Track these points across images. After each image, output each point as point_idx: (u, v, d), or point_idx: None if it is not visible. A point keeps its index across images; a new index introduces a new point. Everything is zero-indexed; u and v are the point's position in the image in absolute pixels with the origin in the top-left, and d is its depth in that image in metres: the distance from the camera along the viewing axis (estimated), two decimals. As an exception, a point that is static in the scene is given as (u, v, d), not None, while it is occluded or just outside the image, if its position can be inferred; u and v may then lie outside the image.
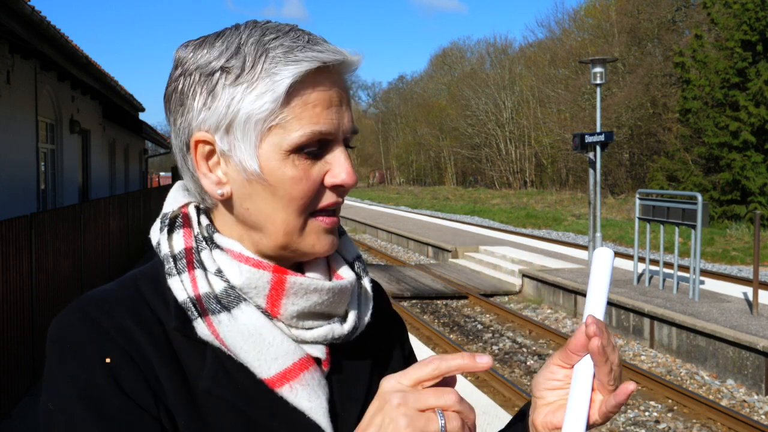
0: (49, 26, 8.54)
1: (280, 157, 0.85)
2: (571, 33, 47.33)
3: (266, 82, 0.84)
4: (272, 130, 0.85)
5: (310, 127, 0.85)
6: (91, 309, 0.85)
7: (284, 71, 0.83)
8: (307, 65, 0.83)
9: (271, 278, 0.88)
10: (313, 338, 0.90)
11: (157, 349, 0.85)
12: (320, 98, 0.86)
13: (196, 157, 0.89)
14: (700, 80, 26.22)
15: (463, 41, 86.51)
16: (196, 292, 0.87)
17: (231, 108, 0.85)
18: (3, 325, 6.00)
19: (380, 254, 21.19)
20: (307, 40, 0.86)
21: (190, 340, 0.87)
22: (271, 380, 0.87)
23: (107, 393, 0.80)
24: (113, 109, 18.24)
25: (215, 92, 0.86)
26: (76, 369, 0.81)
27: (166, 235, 0.92)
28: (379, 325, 1.04)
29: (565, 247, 18.90)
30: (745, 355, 8.52)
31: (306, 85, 0.85)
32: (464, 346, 10.31)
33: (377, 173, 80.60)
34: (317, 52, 0.84)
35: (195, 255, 0.89)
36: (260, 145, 0.86)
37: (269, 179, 0.86)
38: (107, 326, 0.84)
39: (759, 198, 24.05)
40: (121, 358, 0.82)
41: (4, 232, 6.03)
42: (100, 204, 11.26)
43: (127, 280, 0.92)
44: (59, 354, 0.83)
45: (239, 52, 0.85)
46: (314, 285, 0.89)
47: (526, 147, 49.84)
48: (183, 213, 0.94)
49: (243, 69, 0.84)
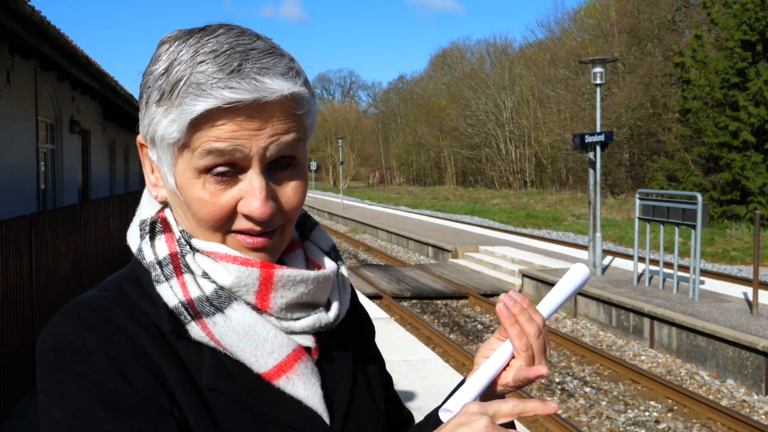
0: (49, 26, 8.54)
1: (192, 176, 0.86)
2: (571, 33, 47.35)
3: (177, 111, 0.84)
4: (183, 152, 0.86)
5: (211, 156, 0.84)
6: (87, 314, 0.85)
7: (194, 105, 0.82)
8: (213, 102, 0.82)
9: (259, 274, 0.89)
10: (302, 328, 0.92)
11: (159, 349, 0.86)
12: (227, 129, 0.83)
13: (142, 156, 0.94)
14: (700, 80, 26.23)
15: (462, 41, 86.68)
16: (188, 297, 0.87)
17: (152, 126, 0.87)
18: (3, 325, 6.00)
19: (380, 254, 21.18)
20: (233, 70, 0.83)
21: (188, 342, 0.88)
22: (269, 374, 0.89)
23: (123, 393, 0.80)
24: (113, 109, 18.24)
25: (148, 106, 0.88)
26: (88, 373, 0.80)
27: (149, 241, 0.92)
28: (352, 315, 1.06)
29: (565, 247, 18.90)
30: (745, 355, 8.52)
31: (214, 117, 0.83)
32: (464, 346, 10.31)
33: (377, 173, 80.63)
34: (227, 92, 0.82)
35: (181, 260, 0.90)
36: (176, 163, 0.87)
37: (184, 195, 0.88)
38: (108, 330, 0.84)
39: (759, 198, 24.05)
40: (129, 359, 0.83)
41: (4, 232, 6.03)
42: (100, 204, 11.26)
43: (109, 284, 0.92)
44: (63, 362, 0.81)
45: (169, 71, 0.85)
46: (300, 276, 0.91)
47: (526, 147, 49.86)
48: (161, 218, 0.95)
49: (164, 92, 0.85)
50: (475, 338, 11.06)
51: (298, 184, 0.90)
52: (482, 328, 11.64)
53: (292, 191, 0.90)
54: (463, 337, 11.15)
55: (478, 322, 12.10)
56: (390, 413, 1.10)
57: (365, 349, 1.09)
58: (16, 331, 6.39)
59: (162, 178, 0.92)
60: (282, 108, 0.86)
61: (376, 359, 1.11)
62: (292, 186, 0.90)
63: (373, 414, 1.02)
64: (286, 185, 0.89)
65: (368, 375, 1.06)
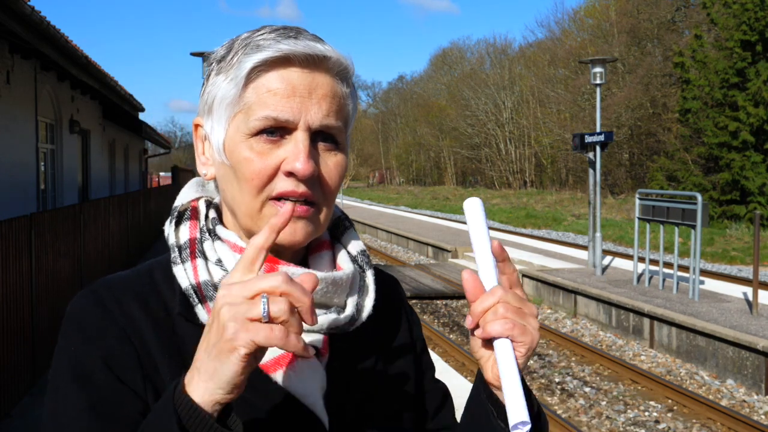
0: (48, 26, 8.54)
1: (241, 139, 0.91)
2: (570, 33, 47.33)
3: (235, 70, 0.91)
4: (237, 115, 0.92)
5: (264, 112, 0.89)
6: (100, 291, 0.92)
7: (249, 59, 0.90)
8: (268, 53, 0.89)
9: (264, 269, 0.91)
10: (308, 327, 0.91)
11: (159, 335, 0.90)
12: (281, 87, 0.90)
13: (195, 139, 0.99)
14: (699, 80, 26.22)
15: (462, 41, 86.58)
16: (197, 280, 0.92)
17: (212, 93, 0.94)
18: (3, 325, 6.00)
19: (380, 254, 21.18)
20: (290, 35, 0.91)
21: (194, 326, 0.92)
22: (266, 365, 0.90)
23: (97, 368, 0.86)
24: (113, 109, 18.24)
25: (207, 82, 0.96)
26: (75, 344, 0.88)
27: (174, 226, 0.98)
28: (388, 318, 1.06)
29: (564, 247, 18.90)
30: (745, 355, 8.52)
31: (270, 73, 0.90)
32: (464, 346, 10.31)
33: (377, 173, 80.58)
34: (284, 45, 0.89)
35: (198, 245, 0.95)
36: (228, 128, 0.93)
37: (231, 160, 0.93)
38: (112, 308, 0.90)
39: (758, 198, 24.04)
40: (119, 338, 0.88)
41: (4, 232, 6.03)
42: (100, 204, 11.26)
43: (143, 267, 0.99)
44: (65, 329, 0.90)
45: (231, 47, 0.94)
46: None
47: (526, 147, 49.84)
48: (192, 206, 1.00)
49: (225, 59, 0.93)
50: (475, 338, 11.06)
51: (339, 161, 0.95)
52: (482, 328, 11.64)
53: (333, 165, 0.94)
54: (462, 337, 11.15)
55: (478, 322, 12.10)
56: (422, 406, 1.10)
57: (394, 352, 1.06)
58: (16, 331, 6.39)
59: (211, 155, 0.97)
60: (330, 83, 0.93)
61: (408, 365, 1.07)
62: (333, 160, 0.94)
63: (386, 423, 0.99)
64: (328, 158, 0.94)
65: (390, 382, 1.03)
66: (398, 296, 1.12)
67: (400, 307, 1.11)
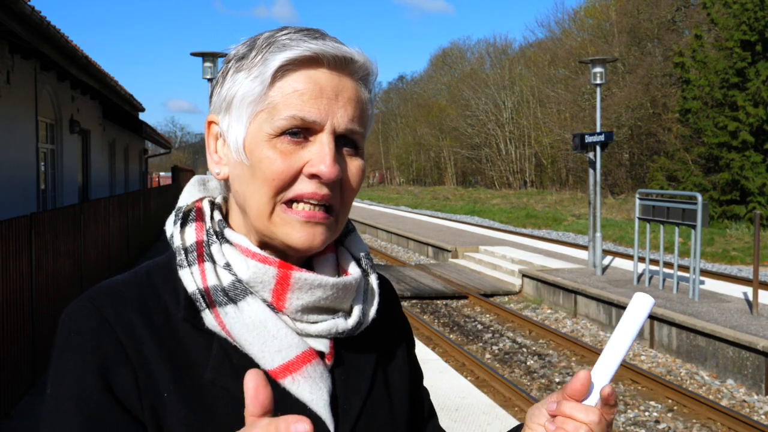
0: (49, 26, 8.54)
1: (264, 138, 0.89)
2: (571, 33, 47.31)
3: (260, 68, 0.89)
4: (260, 114, 0.90)
5: (291, 112, 0.88)
6: (97, 299, 0.89)
7: (276, 58, 0.88)
8: (297, 52, 0.88)
9: (276, 273, 0.90)
10: (317, 332, 0.92)
11: (159, 343, 0.88)
12: (309, 87, 0.89)
13: (207, 137, 0.97)
14: (699, 80, 26.22)
15: (462, 41, 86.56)
16: (205, 284, 0.90)
17: (232, 90, 0.92)
18: (3, 325, 6.00)
19: (380, 254, 21.18)
20: (316, 36, 0.90)
21: (198, 331, 0.90)
22: (274, 372, 0.89)
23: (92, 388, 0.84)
24: (113, 109, 18.25)
25: (226, 77, 0.93)
26: (70, 357, 0.86)
27: (179, 228, 0.96)
28: (386, 323, 1.05)
29: (565, 247, 18.90)
30: (745, 355, 8.52)
31: (297, 73, 0.89)
32: (464, 346, 10.32)
33: (377, 173, 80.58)
34: (312, 44, 0.88)
35: (205, 248, 0.93)
36: (249, 126, 0.91)
37: (251, 159, 0.90)
38: (109, 317, 0.88)
39: (758, 198, 24.05)
40: (115, 351, 0.86)
41: (4, 232, 6.03)
42: (100, 204, 11.25)
43: (140, 270, 0.96)
44: (60, 342, 0.88)
45: (253, 45, 0.92)
46: (318, 281, 0.91)
47: (526, 147, 49.83)
48: (197, 207, 0.98)
49: (247, 57, 0.91)
50: (474, 338, 11.06)
51: (360, 167, 0.94)
52: (482, 328, 11.64)
53: (355, 169, 0.93)
54: (463, 337, 11.15)
55: (478, 322, 12.10)
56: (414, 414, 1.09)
57: (393, 357, 1.06)
58: (16, 331, 6.39)
59: (226, 154, 0.94)
60: (354, 87, 0.92)
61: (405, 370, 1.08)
62: (355, 165, 0.93)
63: (389, 428, 1.00)
64: (350, 162, 0.93)
65: (391, 387, 1.03)
66: (395, 298, 1.12)
67: (396, 310, 1.11)
